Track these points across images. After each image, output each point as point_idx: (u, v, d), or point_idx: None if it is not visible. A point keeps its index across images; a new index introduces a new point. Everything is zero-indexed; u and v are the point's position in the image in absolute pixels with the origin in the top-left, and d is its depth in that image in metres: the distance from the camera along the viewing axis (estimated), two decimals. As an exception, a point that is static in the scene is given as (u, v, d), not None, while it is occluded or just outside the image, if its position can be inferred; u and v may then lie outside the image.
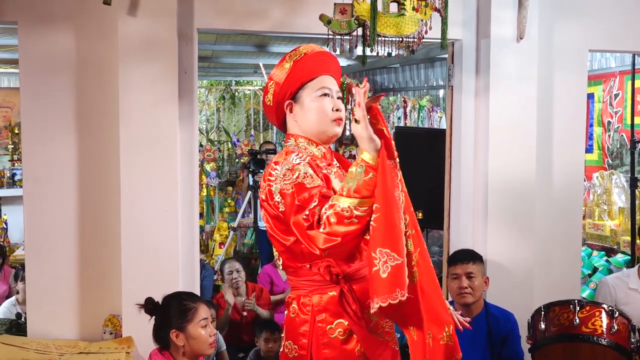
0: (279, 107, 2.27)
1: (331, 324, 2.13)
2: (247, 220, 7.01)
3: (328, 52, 2.34)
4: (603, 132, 5.94)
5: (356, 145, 7.79)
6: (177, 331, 2.58)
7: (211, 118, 11.25)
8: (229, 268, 4.83)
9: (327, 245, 1.91)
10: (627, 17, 4.08)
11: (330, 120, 2.22)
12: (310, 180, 2.03)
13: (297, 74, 2.22)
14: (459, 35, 3.83)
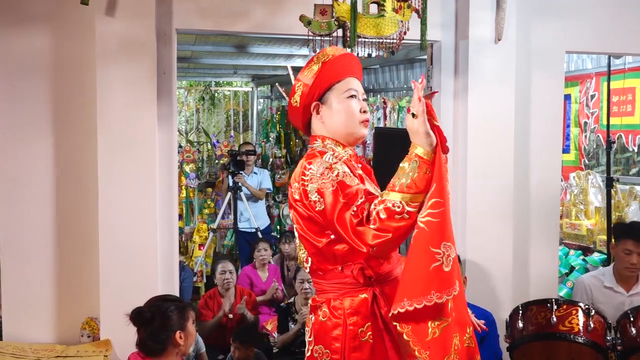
0: (305, 108, 2.25)
1: (362, 327, 2.10)
2: (227, 222, 6.97)
3: (353, 54, 2.34)
4: (580, 132, 6.01)
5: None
6: (181, 331, 2.59)
7: (190, 119, 11.19)
8: (222, 268, 4.81)
9: (376, 241, 1.90)
10: (603, 19, 4.13)
11: (358, 122, 2.21)
12: (350, 179, 2.03)
13: (325, 76, 2.20)
14: (437, 37, 3.85)
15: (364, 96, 2.27)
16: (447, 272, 1.89)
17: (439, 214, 1.89)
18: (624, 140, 5.51)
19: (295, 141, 8.67)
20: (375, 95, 8.29)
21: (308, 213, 2.09)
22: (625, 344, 3.01)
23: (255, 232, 6.20)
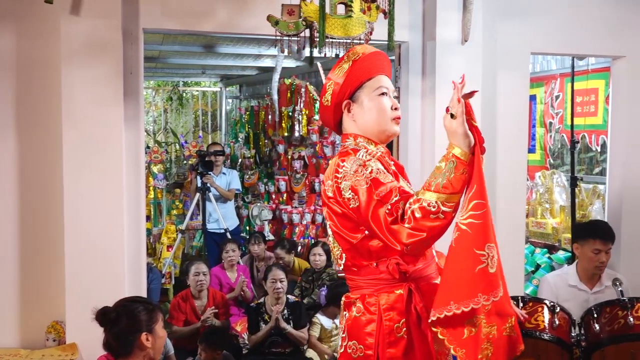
0: (337, 107, 2.26)
1: (398, 323, 2.11)
2: (196, 223, 6.93)
3: (383, 52, 2.31)
4: (545, 132, 6.11)
5: (305, 146, 7.80)
6: (148, 333, 2.55)
7: (158, 119, 11.09)
8: (196, 270, 4.78)
9: (411, 240, 1.89)
10: (567, 21, 4.21)
11: (389, 119, 2.21)
12: (384, 176, 2.02)
13: (356, 74, 2.21)
14: (405, 38, 3.88)
15: (394, 93, 2.27)
16: (493, 274, 1.92)
17: (481, 216, 1.90)
18: (587, 140, 5.62)
19: (264, 141, 8.64)
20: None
21: (342, 210, 2.09)
22: (589, 340, 3.07)
23: (224, 233, 6.17)
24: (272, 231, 7.66)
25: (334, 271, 5.66)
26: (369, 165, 2.05)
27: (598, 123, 5.46)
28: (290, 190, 7.88)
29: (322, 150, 7.58)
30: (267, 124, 8.31)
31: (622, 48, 4.39)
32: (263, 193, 8.17)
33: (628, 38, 4.36)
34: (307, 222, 7.46)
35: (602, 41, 4.33)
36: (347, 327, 2.20)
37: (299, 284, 5.62)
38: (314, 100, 7.65)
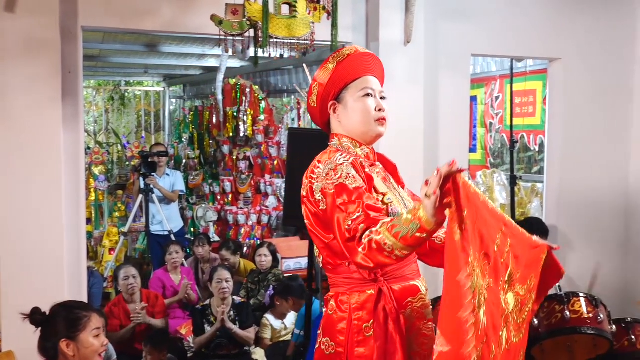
0: (323, 108, 2.28)
1: (367, 323, 2.12)
2: (139, 225, 6.80)
3: (371, 54, 2.31)
4: (485, 132, 6.25)
5: (250, 147, 7.77)
6: (68, 340, 2.47)
7: (99, 119, 10.86)
8: (125, 273, 4.67)
9: (360, 263, 1.94)
10: (506, 24, 4.32)
11: (373, 120, 2.21)
12: (352, 181, 2.04)
13: (340, 75, 2.22)
14: (349, 39, 3.91)
15: (382, 94, 2.26)
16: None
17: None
18: (526, 140, 5.77)
19: (209, 142, 8.56)
20: (289, 96, 8.32)
21: (314, 210, 2.13)
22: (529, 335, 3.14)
23: (168, 235, 6.08)
24: (218, 232, 7.59)
25: (279, 272, 5.65)
26: (339, 170, 2.08)
27: (536, 123, 5.62)
28: (235, 191, 7.83)
29: (268, 150, 7.56)
30: (212, 125, 8.24)
31: (557, 50, 4.53)
32: (208, 194, 8.10)
33: (563, 41, 4.50)
34: (253, 223, 7.43)
35: (539, 44, 4.46)
36: (322, 324, 2.23)
37: (245, 285, 5.58)
38: (259, 101, 7.62)
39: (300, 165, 3.97)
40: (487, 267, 1.89)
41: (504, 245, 1.97)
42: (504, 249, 1.96)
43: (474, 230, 1.82)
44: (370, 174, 2.16)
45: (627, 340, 3.31)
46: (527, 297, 2.05)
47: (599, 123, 4.63)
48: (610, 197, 4.70)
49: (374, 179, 2.16)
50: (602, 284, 4.46)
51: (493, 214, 1.94)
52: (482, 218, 1.87)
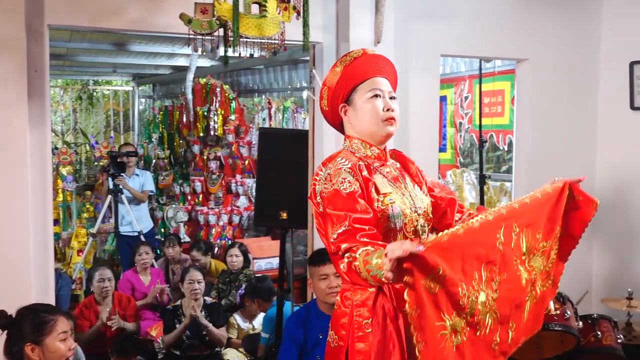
0: (333, 111, 2.34)
1: (367, 319, 2.15)
2: (108, 226, 6.73)
3: (380, 55, 2.36)
4: (455, 132, 6.31)
5: (221, 146, 7.74)
6: (33, 345, 2.43)
7: (67, 119, 10.71)
8: (100, 276, 4.62)
9: (343, 276, 2.08)
10: (475, 25, 4.36)
11: (381, 121, 2.25)
12: (347, 186, 2.11)
13: (348, 78, 2.27)
14: (319, 39, 3.91)
15: (391, 94, 2.30)
16: None
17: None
18: (495, 139, 5.84)
19: (179, 142, 8.50)
20: (260, 96, 8.30)
21: (318, 210, 2.20)
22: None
23: (137, 236, 6.02)
24: (188, 233, 7.55)
25: (251, 272, 5.64)
26: (337, 174, 2.14)
27: (505, 123, 5.69)
28: (206, 191, 7.79)
29: (239, 150, 7.53)
30: (182, 124, 8.18)
31: (525, 51, 4.59)
32: (178, 194, 8.04)
33: (531, 42, 4.56)
34: (224, 223, 7.40)
35: (506, 45, 4.52)
36: (332, 317, 2.31)
37: (216, 285, 5.56)
38: (229, 100, 7.59)
39: (271, 165, 4.01)
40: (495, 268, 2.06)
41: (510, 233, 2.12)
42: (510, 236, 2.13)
43: (463, 267, 1.95)
44: (370, 176, 2.20)
45: (593, 336, 3.37)
46: (551, 246, 2.29)
47: (565, 122, 4.71)
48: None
49: (376, 181, 2.21)
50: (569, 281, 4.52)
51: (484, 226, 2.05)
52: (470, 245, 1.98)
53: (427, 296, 1.85)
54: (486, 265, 2.03)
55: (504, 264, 2.11)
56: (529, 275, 2.20)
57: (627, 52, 4.56)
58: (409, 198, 2.27)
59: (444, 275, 1.86)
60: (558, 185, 2.40)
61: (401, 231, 2.19)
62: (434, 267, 1.84)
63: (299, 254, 5.74)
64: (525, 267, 2.18)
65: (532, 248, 2.22)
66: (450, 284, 1.89)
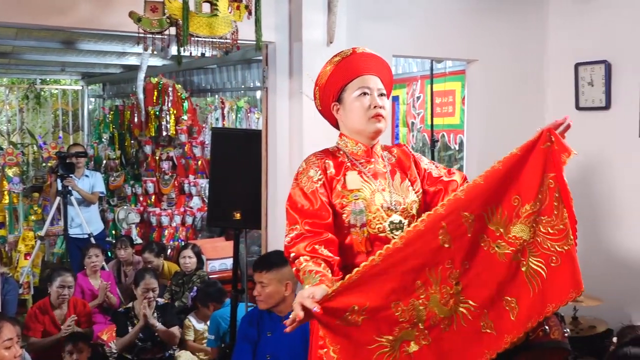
0: (325, 110, 2.42)
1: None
2: (57, 228, 6.58)
3: (370, 53, 2.42)
4: (408, 132, 6.37)
5: (174, 147, 7.65)
6: None
7: (13, 119, 10.43)
8: (62, 282, 4.53)
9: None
10: (426, 26, 4.41)
11: (368, 118, 2.30)
12: (310, 185, 2.23)
13: (337, 77, 2.34)
14: (272, 38, 3.90)
15: (381, 92, 2.34)
16: None
17: None
18: (446, 139, 5.92)
19: (130, 142, 8.36)
20: (213, 95, 8.24)
21: None
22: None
23: (87, 239, 5.90)
24: (140, 235, 7.44)
25: (204, 273, 5.59)
26: (304, 173, 2.27)
27: (456, 123, 5.78)
28: (158, 192, 7.70)
29: (192, 150, 7.46)
30: (133, 124, 8.05)
31: (475, 52, 4.67)
32: (130, 195, 7.92)
33: (480, 43, 4.64)
34: (177, 224, 7.31)
35: (457, 45, 4.58)
36: None
37: (169, 287, 5.49)
38: (182, 100, 7.51)
39: (225, 165, 3.98)
40: (448, 265, 2.11)
41: (459, 225, 2.12)
42: (461, 227, 2.12)
43: (394, 288, 2.03)
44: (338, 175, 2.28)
45: (541, 331, 3.43)
46: (546, 203, 2.16)
47: (514, 122, 4.80)
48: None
49: (347, 178, 2.28)
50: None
51: (413, 239, 2.09)
52: (400, 263, 2.05)
53: (347, 331, 1.97)
54: (433, 269, 2.08)
55: (464, 255, 2.12)
56: (514, 247, 2.13)
57: (573, 54, 4.68)
58: (388, 194, 2.30)
59: (364, 308, 1.97)
60: (534, 137, 2.28)
61: (364, 227, 2.23)
62: (345, 309, 1.95)
63: (253, 255, 5.71)
64: (506, 240, 2.14)
65: (508, 219, 2.15)
66: (377, 311, 2.00)
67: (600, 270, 4.54)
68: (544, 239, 2.12)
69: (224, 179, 3.94)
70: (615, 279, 4.44)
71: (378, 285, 2.01)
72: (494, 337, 2.09)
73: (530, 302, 2.10)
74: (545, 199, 2.14)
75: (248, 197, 3.90)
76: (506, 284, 2.13)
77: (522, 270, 2.12)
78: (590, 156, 4.64)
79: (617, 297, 4.36)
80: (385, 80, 2.41)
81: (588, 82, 4.58)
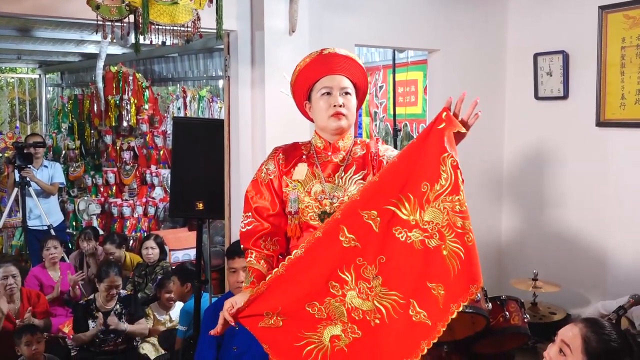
0: (300, 108, 2.57)
1: None
2: (15, 220, 6.47)
3: (335, 53, 2.46)
4: (370, 121, 6.41)
5: (135, 136, 7.55)
6: None
7: (-32, 108, 10.15)
8: (4, 272, 4.41)
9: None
10: (388, 15, 4.43)
11: (328, 116, 2.41)
12: (264, 177, 2.47)
13: (304, 78, 2.46)
14: (234, 27, 3.87)
15: (344, 90, 2.43)
16: None
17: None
18: (409, 128, 5.97)
19: (90, 132, 8.21)
20: (175, 85, 8.15)
21: None
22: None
23: (47, 230, 5.80)
24: (102, 226, 7.34)
25: (167, 264, 5.55)
26: (264, 165, 2.50)
27: (418, 112, 5.83)
28: (119, 183, 7.60)
29: (153, 140, 7.37)
30: (93, 114, 7.92)
31: (436, 42, 4.70)
32: (90, 186, 7.80)
33: (442, 33, 4.68)
34: (139, 215, 7.24)
35: (418, 35, 4.61)
36: None
37: (132, 279, 5.44)
38: (142, 89, 7.41)
39: (187, 154, 3.95)
40: (360, 261, 2.18)
41: (360, 225, 2.18)
42: (364, 226, 2.18)
43: (308, 291, 2.19)
44: (288, 166, 2.46)
45: (501, 317, 3.52)
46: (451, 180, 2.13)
47: (475, 112, 4.87)
48: (486, 181, 4.96)
49: (296, 169, 2.45)
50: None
51: (314, 247, 2.20)
52: (307, 269, 2.19)
53: (272, 331, 2.20)
54: (344, 268, 2.17)
55: (377, 250, 2.16)
56: (428, 233, 2.13)
57: (532, 44, 4.76)
58: (330, 186, 2.40)
59: (277, 312, 2.18)
60: (433, 119, 2.28)
61: (296, 214, 2.40)
62: (260, 314, 2.19)
63: (217, 245, 5.69)
64: (420, 228, 2.13)
65: (420, 206, 2.15)
66: (292, 313, 2.18)
67: (558, 257, 4.66)
68: (457, 219, 2.09)
69: (186, 169, 3.90)
70: (574, 265, 4.55)
71: (287, 293, 2.18)
72: (428, 327, 2.08)
73: (452, 284, 2.07)
74: (450, 177, 2.10)
75: (211, 187, 3.87)
76: (428, 270, 2.11)
77: (444, 254, 2.09)
78: (549, 144, 4.74)
79: (575, 283, 4.47)
80: (355, 78, 2.49)
81: (547, 72, 4.66)
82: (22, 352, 3.84)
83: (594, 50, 4.34)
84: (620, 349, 2.14)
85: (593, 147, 4.45)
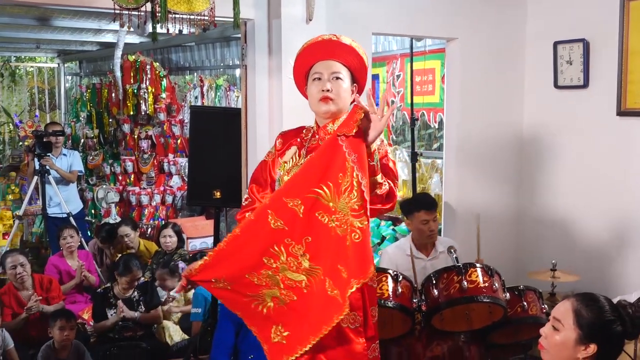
0: (302, 92, 2.67)
1: None
2: (35, 208, 6.53)
3: (327, 40, 2.53)
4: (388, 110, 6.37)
5: (152, 125, 7.59)
6: None
7: (-13, 98, 10.27)
8: (12, 262, 4.47)
9: None
10: (406, 4, 4.39)
11: (317, 101, 2.51)
12: (269, 156, 2.66)
13: (300, 65, 2.58)
14: (251, 15, 3.86)
15: (335, 75, 2.50)
16: None
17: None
18: (426, 117, 5.94)
19: (108, 120, 8.27)
20: (192, 74, 8.16)
21: None
22: (429, 305, 3.28)
23: (67, 218, 5.86)
24: (120, 214, 7.41)
25: (185, 252, 5.58)
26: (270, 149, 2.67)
27: (435, 101, 5.78)
28: (137, 171, 7.65)
29: (170, 129, 7.41)
30: (111, 103, 7.97)
31: (454, 30, 4.66)
32: (109, 174, 7.86)
33: (460, 21, 4.64)
34: (157, 203, 7.29)
35: (437, 24, 4.57)
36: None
37: (150, 266, 5.48)
38: (160, 78, 7.43)
39: (204, 143, 3.96)
40: (288, 241, 2.38)
41: (285, 211, 2.37)
42: (289, 211, 2.37)
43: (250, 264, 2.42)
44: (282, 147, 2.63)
45: (519, 307, 3.50)
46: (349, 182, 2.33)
47: (493, 100, 4.82)
48: (505, 170, 4.93)
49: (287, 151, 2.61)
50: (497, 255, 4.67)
51: (248, 227, 2.42)
52: (243, 247, 2.41)
53: (224, 292, 2.48)
54: (275, 246, 2.39)
55: (302, 232, 2.37)
56: (339, 222, 2.34)
57: (552, 33, 4.69)
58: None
59: (222, 279, 2.44)
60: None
61: None
62: (208, 280, 2.47)
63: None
64: (336, 214, 2.33)
65: (336, 195, 2.33)
66: (235, 280, 2.43)
67: (578, 247, 4.62)
68: (350, 215, 2.32)
69: (204, 158, 3.92)
70: (593, 255, 4.51)
71: (229, 265, 2.42)
72: (339, 303, 2.31)
73: (349, 272, 2.32)
74: (350, 175, 2.32)
75: (228, 175, 3.89)
76: (339, 253, 2.34)
77: (347, 244, 2.32)
78: (569, 134, 4.69)
79: (594, 273, 4.43)
80: (349, 63, 2.55)
81: (567, 61, 4.60)
82: (53, 335, 3.90)
83: (615, 38, 4.27)
84: (613, 319, 2.14)
85: (614, 137, 4.39)
